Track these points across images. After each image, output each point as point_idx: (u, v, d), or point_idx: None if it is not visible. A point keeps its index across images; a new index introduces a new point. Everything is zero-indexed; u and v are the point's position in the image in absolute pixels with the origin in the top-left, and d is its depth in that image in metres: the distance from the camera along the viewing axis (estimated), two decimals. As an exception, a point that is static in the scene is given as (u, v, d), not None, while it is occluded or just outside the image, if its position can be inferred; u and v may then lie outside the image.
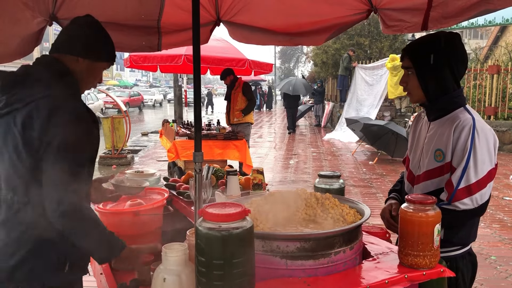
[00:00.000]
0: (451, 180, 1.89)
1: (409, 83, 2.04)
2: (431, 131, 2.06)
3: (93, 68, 1.92)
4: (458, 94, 1.99)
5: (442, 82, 1.96)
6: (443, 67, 1.95)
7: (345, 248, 1.60)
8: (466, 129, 1.88)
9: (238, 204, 1.37)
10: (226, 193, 2.56)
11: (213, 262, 1.27)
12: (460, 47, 1.99)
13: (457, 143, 1.90)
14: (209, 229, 1.28)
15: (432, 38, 2.02)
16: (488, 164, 1.87)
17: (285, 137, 16.68)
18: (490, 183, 1.88)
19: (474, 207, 1.87)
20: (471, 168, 1.85)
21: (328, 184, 2.14)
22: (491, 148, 1.89)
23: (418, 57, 2.00)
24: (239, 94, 7.97)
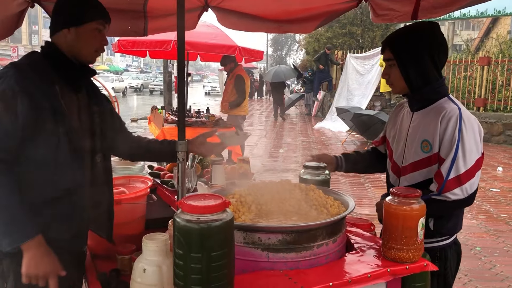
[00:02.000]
0: (440, 171, 1.88)
1: (391, 75, 2.03)
2: (414, 121, 2.04)
3: (82, 33, 1.86)
4: (441, 84, 1.99)
5: (424, 72, 1.95)
6: (424, 56, 1.94)
7: (327, 241, 1.57)
8: (453, 120, 1.87)
9: (219, 195, 1.33)
10: (211, 182, 2.52)
11: (191, 255, 1.24)
12: (439, 36, 1.98)
13: (445, 134, 1.89)
14: (187, 221, 1.24)
15: (411, 28, 2.01)
16: (476, 153, 1.87)
17: (275, 125, 16.64)
18: (478, 172, 1.89)
19: (464, 196, 1.87)
20: (460, 158, 1.84)
21: (313, 175, 2.11)
22: (477, 137, 1.89)
23: (399, 48, 1.98)
24: (230, 86, 7.86)
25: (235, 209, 1.65)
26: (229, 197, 1.74)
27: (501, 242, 5.18)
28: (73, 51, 1.88)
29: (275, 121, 18.22)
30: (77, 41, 1.87)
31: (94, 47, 1.91)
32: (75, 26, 1.85)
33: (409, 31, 2.00)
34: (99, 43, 1.93)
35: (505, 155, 10.69)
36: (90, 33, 1.88)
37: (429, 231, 1.96)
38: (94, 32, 1.89)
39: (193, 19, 3.28)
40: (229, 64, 7.74)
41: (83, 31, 1.86)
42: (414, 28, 2.00)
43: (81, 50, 1.88)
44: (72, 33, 1.85)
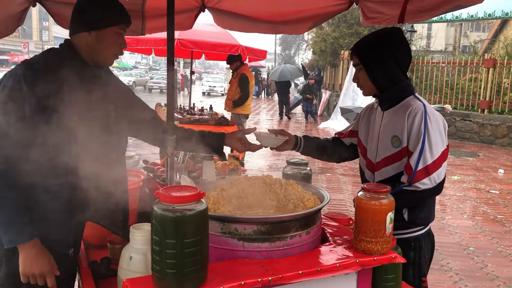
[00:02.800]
0: (409, 163, 2.01)
1: (360, 79, 2.18)
2: (385, 119, 2.17)
3: (103, 37, 1.87)
4: (407, 84, 2.13)
5: (390, 73, 2.09)
6: (388, 60, 2.08)
7: (301, 232, 1.66)
8: (419, 115, 2.01)
9: (195, 187, 1.42)
10: (202, 178, 2.62)
11: (166, 241, 1.33)
12: (402, 40, 2.13)
13: (412, 128, 2.02)
14: (163, 210, 1.33)
15: (376, 35, 2.16)
16: (441, 145, 2.01)
17: (281, 124, 16.73)
18: (444, 163, 2.02)
19: (432, 186, 2.00)
20: (427, 150, 1.97)
21: (296, 171, 2.20)
22: (442, 130, 2.03)
23: (365, 54, 2.13)
24: (234, 84, 7.97)
25: (216, 201, 1.74)
26: (211, 190, 1.84)
27: (495, 243, 5.24)
28: (92, 53, 1.89)
29: (280, 120, 18.32)
30: (97, 44, 1.87)
31: (114, 51, 1.93)
32: (96, 30, 1.86)
33: (373, 37, 2.16)
34: (118, 47, 1.94)
35: (508, 158, 10.70)
36: (111, 37, 1.89)
37: (403, 221, 2.08)
38: (115, 36, 1.90)
39: (190, 19, 3.38)
40: (235, 63, 7.86)
41: (104, 35, 1.87)
42: (378, 35, 2.15)
43: (101, 53, 1.90)
44: (92, 36, 1.86)
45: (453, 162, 9.90)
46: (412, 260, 2.13)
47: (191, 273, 1.36)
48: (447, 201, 6.90)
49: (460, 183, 8.09)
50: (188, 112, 8.22)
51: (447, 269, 4.45)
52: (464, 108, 13.86)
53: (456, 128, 13.51)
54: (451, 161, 10.01)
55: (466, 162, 10.11)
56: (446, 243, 5.15)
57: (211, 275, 1.44)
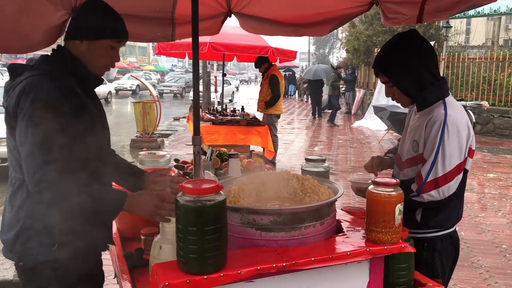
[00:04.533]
0: (420, 173, 2.05)
1: (394, 94, 2.18)
2: (413, 121, 2.22)
3: (95, 47, 1.90)
4: (437, 88, 2.09)
5: (419, 80, 2.08)
6: (414, 68, 2.07)
7: (315, 223, 1.78)
8: (437, 125, 2.01)
9: (214, 181, 1.57)
10: (228, 175, 2.77)
11: (188, 229, 1.49)
12: (420, 40, 2.10)
13: (429, 137, 2.04)
14: (186, 201, 1.49)
15: (393, 45, 2.13)
16: (457, 158, 2.00)
17: (313, 124, 16.76)
18: (458, 176, 2.02)
19: (440, 198, 2.02)
20: (439, 162, 1.99)
21: (313, 167, 2.32)
22: (463, 142, 2.00)
23: (389, 69, 2.12)
24: (265, 85, 8.13)
25: (236, 194, 1.88)
26: (233, 185, 1.99)
27: (529, 240, 5.16)
28: (85, 59, 1.92)
29: (313, 119, 18.35)
30: (88, 54, 1.91)
31: (104, 63, 1.96)
32: (88, 40, 1.89)
33: (391, 49, 2.13)
34: (110, 59, 1.97)
35: (549, 155, 10.38)
36: (103, 49, 1.92)
37: (415, 222, 2.14)
38: (107, 49, 1.93)
39: (217, 24, 3.55)
40: (263, 65, 8.00)
41: (96, 46, 1.91)
42: (395, 44, 2.13)
43: (91, 63, 1.93)
44: (84, 45, 1.90)
45: (490, 160, 9.70)
46: (424, 260, 2.15)
47: (211, 257, 1.50)
48: (481, 199, 6.81)
49: (496, 181, 7.94)
50: (221, 113, 8.42)
51: (477, 266, 4.44)
52: (503, 105, 13.50)
53: (494, 125, 13.18)
54: (488, 158, 9.81)
55: (503, 159, 9.88)
56: (478, 241, 5.12)
57: (230, 260, 1.58)
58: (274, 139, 8.15)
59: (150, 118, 11.34)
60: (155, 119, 11.33)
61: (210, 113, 8.41)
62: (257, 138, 7.69)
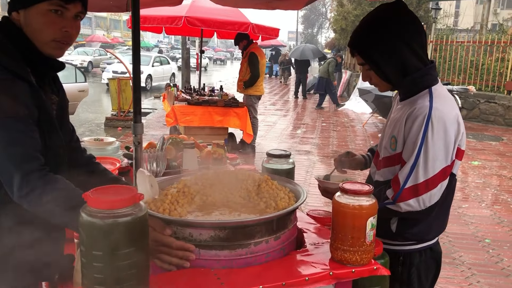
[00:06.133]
0: (397, 177, 1.68)
1: (372, 78, 1.79)
2: (394, 113, 1.84)
3: (32, 15, 1.48)
4: (423, 74, 1.70)
5: (402, 64, 1.69)
6: (397, 48, 1.67)
7: (268, 238, 1.45)
8: (419, 119, 1.63)
9: (131, 188, 1.21)
10: (182, 167, 2.42)
11: (92, 253, 1.13)
12: (406, 15, 1.70)
13: (409, 134, 1.67)
14: (90, 216, 1.13)
15: (371, 20, 1.73)
16: (442, 161, 1.64)
17: (297, 105, 16.39)
18: (442, 183, 1.66)
19: (420, 209, 1.66)
20: (421, 166, 1.63)
21: (276, 164, 1.97)
22: (450, 142, 1.63)
23: (367, 49, 1.72)
24: (244, 64, 7.70)
25: (173, 200, 1.53)
26: (172, 187, 1.63)
27: (514, 235, 4.93)
28: (29, 31, 1.49)
29: (295, 99, 18.00)
30: (27, 26, 1.49)
31: (48, 35, 1.49)
32: (23, 8, 1.48)
33: (370, 24, 1.72)
34: (55, 30, 1.49)
35: (533, 142, 10.21)
36: (41, 16, 1.48)
37: (390, 233, 1.80)
38: (48, 15, 1.48)
39: (181, -6, 3.14)
40: (241, 42, 7.58)
41: (32, 14, 1.48)
42: (373, 19, 1.72)
43: (34, 38, 1.49)
44: (21, 17, 1.49)
45: (475, 147, 9.48)
46: (399, 275, 1.82)
47: (124, 289, 1.16)
48: (465, 188, 6.58)
49: (481, 169, 7.72)
50: (198, 92, 8.01)
51: (459, 263, 4.19)
52: (489, 90, 13.27)
53: (480, 111, 12.97)
54: (473, 145, 9.59)
55: (488, 146, 9.67)
56: (460, 234, 4.87)
57: (154, 288, 1.24)
58: (254, 121, 7.78)
59: (126, 95, 10.84)
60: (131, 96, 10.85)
61: (186, 92, 7.98)
62: (235, 120, 7.32)
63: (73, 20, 1.55)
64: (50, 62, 1.58)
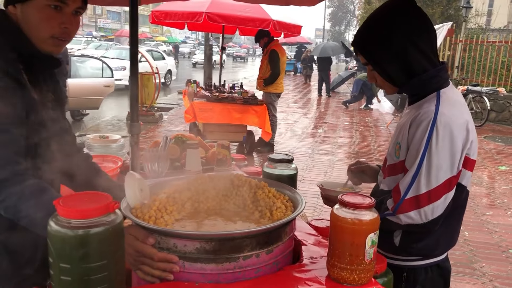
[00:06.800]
0: (398, 187, 1.55)
1: (377, 79, 1.67)
2: (403, 117, 1.71)
3: (29, 10, 1.43)
4: (431, 76, 1.57)
5: (408, 65, 1.56)
6: (401, 48, 1.54)
7: (259, 252, 1.33)
8: (423, 125, 1.51)
9: (106, 196, 1.12)
10: (185, 168, 2.33)
11: (60, 265, 1.05)
12: (413, 11, 1.57)
13: (412, 141, 1.55)
14: (59, 225, 1.05)
15: (375, 17, 1.61)
16: (448, 171, 1.50)
17: (320, 104, 16.18)
18: (447, 195, 1.52)
19: (422, 222, 1.52)
20: (423, 175, 1.50)
21: (278, 169, 1.85)
22: (456, 150, 1.50)
23: (369, 49, 1.61)
24: (265, 62, 7.59)
25: (161, 207, 1.44)
26: (161, 192, 1.54)
27: (541, 246, 4.69)
28: (27, 27, 1.44)
29: (319, 97, 17.76)
30: (24, 21, 1.43)
31: (46, 31, 1.44)
32: (20, 2, 1.42)
33: (372, 21, 1.61)
34: (53, 26, 1.43)
35: None
36: (41, 12, 1.42)
37: (393, 246, 1.67)
38: (46, 10, 1.42)
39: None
40: (262, 39, 7.46)
41: (31, 9, 1.42)
42: (378, 16, 1.61)
43: (31, 33, 1.44)
44: (18, 11, 1.44)
45: (503, 151, 9.13)
46: None
47: (96, 305, 1.07)
48: (490, 194, 6.31)
49: (508, 175, 7.41)
50: (218, 89, 7.93)
51: (480, 274, 3.99)
52: (520, 92, 12.82)
53: (510, 113, 12.54)
54: (501, 149, 9.24)
55: (518, 151, 9.31)
56: (483, 243, 4.65)
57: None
58: (273, 119, 7.66)
59: (148, 91, 10.88)
60: (154, 92, 10.88)
61: (206, 89, 7.92)
62: (254, 118, 7.22)
63: (73, 16, 1.49)
64: (46, 59, 1.52)
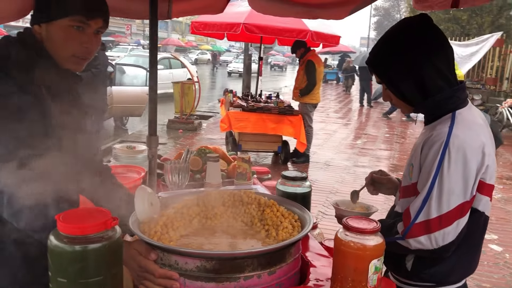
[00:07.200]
0: (409, 210, 1.49)
1: (392, 98, 1.63)
2: (418, 137, 1.66)
3: (53, 30, 1.49)
4: (447, 96, 1.51)
5: (421, 84, 1.52)
6: (416, 67, 1.50)
7: (260, 272, 1.32)
8: (436, 147, 1.45)
9: (106, 212, 1.14)
10: (205, 180, 2.34)
11: (57, 279, 1.08)
12: (429, 29, 1.52)
13: (424, 163, 1.49)
14: (57, 240, 1.08)
15: (389, 36, 1.58)
16: (460, 195, 1.43)
17: (361, 114, 15.94)
18: (459, 220, 1.44)
19: (432, 248, 1.45)
20: (434, 199, 1.43)
21: (291, 187, 1.83)
22: (470, 175, 1.43)
23: (382, 68, 1.58)
24: (301, 72, 7.58)
25: (168, 222, 1.45)
26: (171, 207, 1.55)
27: None
28: (51, 45, 1.51)
29: (360, 108, 17.48)
30: (48, 41, 1.50)
31: (69, 50, 1.50)
32: (46, 22, 1.49)
33: (387, 38, 1.58)
34: (75, 45, 1.50)
35: None
36: (63, 32, 1.48)
37: (405, 271, 1.60)
38: (69, 30, 1.49)
39: (222, 2, 3.08)
40: (299, 50, 7.45)
41: (55, 29, 1.49)
42: (392, 34, 1.57)
43: (55, 51, 1.51)
44: (43, 30, 1.50)
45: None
46: None
47: (91, 320, 1.09)
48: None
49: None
50: (255, 99, 7.97)
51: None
52: None
53: None
54: (551, 166, 8.78)
55: None
56: None
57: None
58: (308, 130, 7.61)
59: (188, 99, 11.08)
60: (193, 100, 11.06)
61: (242, 98, 7.97)
62: (289, 128, 7.20)
63: (94, 36, 1.55)
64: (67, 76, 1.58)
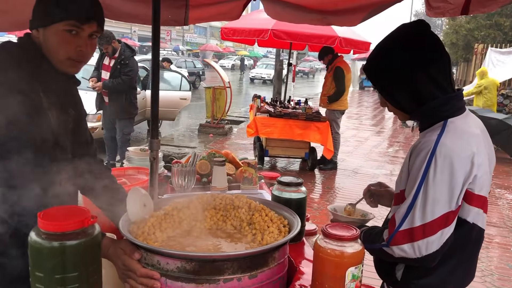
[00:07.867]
0: (394, 217, 1.47)
1: (388, 105, 1.63)
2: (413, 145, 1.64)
3: (49, 34, 1.55)
4: (441, 103, 1.49)
5: (416, 93, 1.51)
6: (409, 75, 1.49)
7: (240, 275, 1.33)
8: (422, 155, 1.43)
9: (86, 210, 1.19)
10: (211, 184, 2.38)
11: (35, 274, 1.13)
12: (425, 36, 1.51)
13: (412, 170, 1.47)
14: (37, 236, 1.13)
15: (384, 43, 1.56)
16: (445, 205, 1.40)
17: (396, 121, 15.64)
18: (444, 230, 1.41)
19: (415, 256, 1.42)
20: (418, 208, 1.41)
21: (286, 193, 1.82)
22: (456, 183, 1.39)
23: (376, 74, 1.59)
24: (329, 79, 7.52)
25: (156, 223, 1.49)
26: (161, 210, 1.58)
27: None
28: (48, 50, 1.57)
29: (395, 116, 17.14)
30: (45, 45, 1.56)
31: (64, 54, 1.55)
32: (42, 27, 1.55)
33: (382, 45, 1.56)
34: (69, 49, 1.55)
35: None
36: (58, 36, 1.54)
37: (395, 280, 1.57)
38: (64, 35, 1.54)
39: (238, 8, 3.12)
40: (326, 57, 7.40)
41: (50, 33, 1.54)
42: (387, 42, 1.56)
43: (50, 55, 1.57)
44: (40, 34, 1.56)
45: None
46: None
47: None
48: None
49: None
50: (283, 105, 7.98)
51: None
52: None
53: None
54: None
55: None
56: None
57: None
58: (336, 136, 7.55)
59: (219, 104, 11.20)
60: (224, 105, 11.17)
61: (270, 104, 8.00)
62: (315, 135, 7.16)
63: (88, 39, 1.60)
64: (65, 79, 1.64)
